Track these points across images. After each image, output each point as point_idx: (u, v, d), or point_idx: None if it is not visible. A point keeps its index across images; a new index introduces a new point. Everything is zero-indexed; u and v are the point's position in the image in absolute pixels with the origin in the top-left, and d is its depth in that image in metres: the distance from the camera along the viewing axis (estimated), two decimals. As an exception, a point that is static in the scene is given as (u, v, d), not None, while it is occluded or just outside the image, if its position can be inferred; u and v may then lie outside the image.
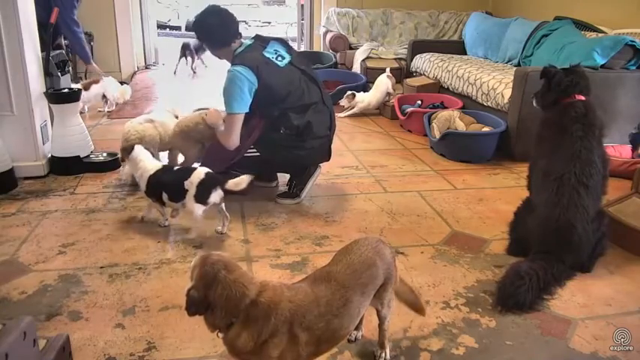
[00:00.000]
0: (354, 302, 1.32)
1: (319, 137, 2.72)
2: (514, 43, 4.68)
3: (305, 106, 2.65)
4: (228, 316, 1.20)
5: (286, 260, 2.20)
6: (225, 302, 1.19)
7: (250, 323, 1.20)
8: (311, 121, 2.63)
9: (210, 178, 2.30)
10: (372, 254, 1.41)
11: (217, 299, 1.19)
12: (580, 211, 2.03)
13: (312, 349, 1.27)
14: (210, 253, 1.27)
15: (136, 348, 1.63)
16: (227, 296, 1.19)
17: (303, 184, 2.84)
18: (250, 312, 1.20)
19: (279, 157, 2.73)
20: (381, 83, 4.82)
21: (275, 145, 2.69)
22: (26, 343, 1.25)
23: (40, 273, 2.05)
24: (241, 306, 1.20)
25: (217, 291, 1.19)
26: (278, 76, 2.59)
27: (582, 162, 2.05)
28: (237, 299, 1.20)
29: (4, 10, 2.75)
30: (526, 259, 2.08)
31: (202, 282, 1.20)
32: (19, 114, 2.95)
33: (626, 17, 4.12)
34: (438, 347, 1.68)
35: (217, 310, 1.20)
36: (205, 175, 2.30)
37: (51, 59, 3.18)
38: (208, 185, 2.28)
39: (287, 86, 2.61)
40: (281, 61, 2.66)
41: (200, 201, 2.27)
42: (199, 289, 1.20)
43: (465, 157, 3.58)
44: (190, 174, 2.31)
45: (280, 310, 1.22)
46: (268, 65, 2.58)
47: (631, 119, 3.51)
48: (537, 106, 2.37)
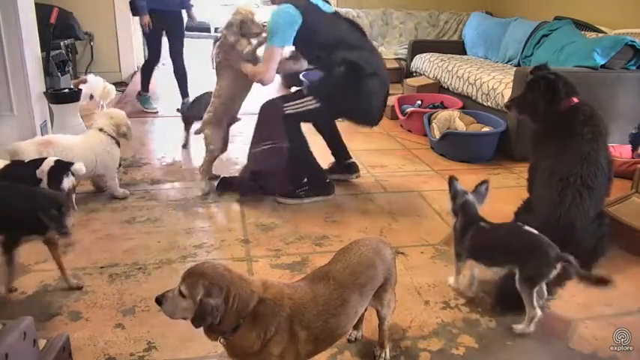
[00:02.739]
0: (352, 302, 1.32)
1: (376, 75, 2.66)
2: (514, 43, 4.68)
3: (357, 47, 2.67)
4: (237, 317, 1.18)
5: (286, 260, 2.20)
6: (238, 303, 1.17)
7: (258, 322, 1.19)
8: (366, 58, 2.63)
9: (60, 164, 2.33)
10: (372, 255, 1.41)
11: (232, 301, 1.16)
12: (581, 212, 2.03)
13: (310, 347, 1.27)
14: (198, 263, 1.23)
15: (135, 348, 1.63)
16: (240, 296, 1.17)
17: (312, 193, 2.83)
18: (258, 310, 1.19)
19: (337, 104, 2.68)
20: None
21: (332, 88, 2.64)
22: (26, 343, 1.25)
23: (40, 273, 2.05)
24: (250, 305, 1.19)
25: (231, 292, 1.16)
26: (324, 20, 2.67)
27: (589, 164, 2.05)
28: (247, 298, 1.18)
29: (4, 10, 2.76)
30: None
31: (216, 287, 1.15)
32: (19, 114, 2.95)
33: (626, 17, 4.12)
34: (438, 347, 1.68)
35: (229, 313, 1.17)
36: (55, 162, 2.33)
37: (51, 59, 3.19)
38: (59, 172, 2.31)
39: (334, 28, 2.67)
40: (328, 8, 2.73)
41: (53, 188, 2.27)
42: (214, 295, 1.15)
43: (465, 157, 3.58)
44: (40, 163, 2.32)
45: (284, 308, 1.21)
46: (313, 7, 2.64)
47: (631, 119, 3.51)
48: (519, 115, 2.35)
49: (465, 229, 1.90)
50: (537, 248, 1.71)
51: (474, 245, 1.87)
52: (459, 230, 1.93)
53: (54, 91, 3.19)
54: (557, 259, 1.67)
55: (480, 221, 1.89)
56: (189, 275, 1.19)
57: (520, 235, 1.79)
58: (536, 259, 1.70)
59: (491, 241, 1.85)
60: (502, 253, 1.82)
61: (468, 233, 1.88)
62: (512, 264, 1.78)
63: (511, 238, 1.82)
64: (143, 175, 3.17)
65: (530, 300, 1.70)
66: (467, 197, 1.94)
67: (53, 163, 2.32)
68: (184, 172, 3.25)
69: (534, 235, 1.76)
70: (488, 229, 1.86)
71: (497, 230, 1.86)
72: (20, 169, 2.36)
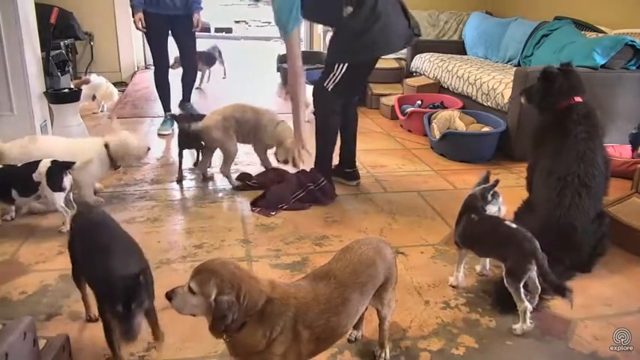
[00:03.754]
0: (353, 301, 1.32)
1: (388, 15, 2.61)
2: (514, 43, 4.68)
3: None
4: (244, 315, 1.17)
5: (286, 260, 2.20)
6: (248, 301, 1.17)
7: (265, 321, 1.18)
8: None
9: (58, 164, 2.34)
10: (373, 254, 1.41)
11: (243, 299, 1.16)
12: (581, 212, 2.04)
13: (312, 347, 1.27)
14: (208, 260, 1.24)
15: (135, 348, 1.62)
16: (249, 294, 1.17)
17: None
18: (266, 309, 1.19)
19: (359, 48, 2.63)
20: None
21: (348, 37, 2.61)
22: (26, 343, 1.25)
23: (40, 273, 2.05)
24: (259, 304, 1.18)
25: (242, 290, 1.16)
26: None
27: (586, 163, 2.06)
28: (256, 297, 1.18)
29: (4, 10, 2.76)
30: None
31: (229, 285, 1.15)
32: (19, 114, 2.95)
33: (626, 17, 4.12)
34: (438, 347, 1.68)
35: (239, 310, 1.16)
36: (51, 162, 2.33)
37: (51, 59, 3.19)
38: (58, 171, 2.32)
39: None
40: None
41: (55, 189, 2.30)
42: (226, 292, 1.14)
43: (465, 157, 3.58)
44: (36, 166, 2.32)
45: (289, 307, 1.21)
46: None
47: (631, 119, 3.51)
48: (528, 104, 2.38)
49: (459, 217, 1.99)
50: (513, 242, 1.74)
51: (465, 235, 1.95)
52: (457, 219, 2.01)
53: (54, 91, 3.19)
54: (532, 253, 1.70)
55: (472, 212, 1.93)
56: (199, 272, 1.19)
57: (498, 230, 1.83)
58: (513, 253, 1.73)
59: (477, 234, 1.92)
60: (486, 247, 1.91)
61: (460, 223, 1.97)
62: (496, 258, 1.87)
63: (491, 232, 1.86)
64: (143, 175, 3.17)
65: (518, 294, 1.72)
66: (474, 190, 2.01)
67: (50, 163, 2.32)
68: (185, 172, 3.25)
69: (511, 229, 1.79)
70: (476, 221, 1.91)
71: (481, 223, 1.91)
72: (14, 172, 2.35)
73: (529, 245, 1.71)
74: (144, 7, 3.71)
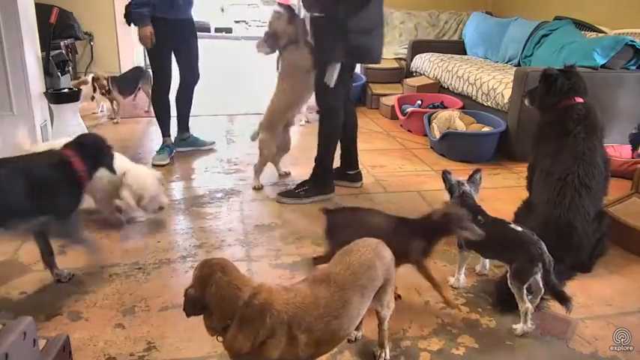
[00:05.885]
0: (354, 303, 1.32)
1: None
2: (514, 43, 4.68)
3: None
4: (224, 317, 1.22)
5: (286, 260, 2.20)
6: (220, 303, 1.21)
7: (245, 325, 1.20)
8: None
9: None
10: (372, 256, 1.41)
11: (212, 299, 1.21)
12: (581, 212, 2.04)
13: (311, 350, 1.27)
14: (212, 258, 1.29)
15: (135, 348, 1.62)
16: (221, 296, 1.21)
17: (312, 193, 2.83)
18: (244, 313, 1.21)
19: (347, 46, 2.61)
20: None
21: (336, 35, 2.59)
22: (26, 343, 1.25)
23: (40, 273, 2.05)
24: (235, 307, 1.21)
25: (212, 291, 1.21)
26: None
27: (586, 163, 2.06)
28: (231, 300, 1.21)
29: (4, 10, 2.76)
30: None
31: (199, 282, 1.23)
32: (19, 114, 2.95)
33: (626, 17, 4.12)
34: (438, 347, 1.68)
35: (214, 311, 1.22)
36: None
37: (51, 59, 3.19)
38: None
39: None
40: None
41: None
42: (196, 288, 1.23)
43: (465, 157, 3.58)
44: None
45: (276, 312, 1.22)
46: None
47: (631, 119, 3.52)
48: (531, 105, 2.38)
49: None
50: (520, 247, 1.74)
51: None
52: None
53: (54, 91, 3.19)
54: (539, 258, 1.70)
55: (478, 214, 1.91)
56: (197, 266, 1.28)
57: (505, 233, 1.82)
58: (520, 256, 1.73)
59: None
60: (492, 249, 1.89)
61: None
62: (501, 260, 1.86)
63: (498, 235, 1.84)
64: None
65: (521, 295, 1.73)
66: (464, 188, 1.99)
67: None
68: (185, 172, 3.25)
69: (518, 233, 1.79)
70: (482, 223, 1.88)
71: (488, 226, 1.88)
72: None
73: (536, 250, 1.71)
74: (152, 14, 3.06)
